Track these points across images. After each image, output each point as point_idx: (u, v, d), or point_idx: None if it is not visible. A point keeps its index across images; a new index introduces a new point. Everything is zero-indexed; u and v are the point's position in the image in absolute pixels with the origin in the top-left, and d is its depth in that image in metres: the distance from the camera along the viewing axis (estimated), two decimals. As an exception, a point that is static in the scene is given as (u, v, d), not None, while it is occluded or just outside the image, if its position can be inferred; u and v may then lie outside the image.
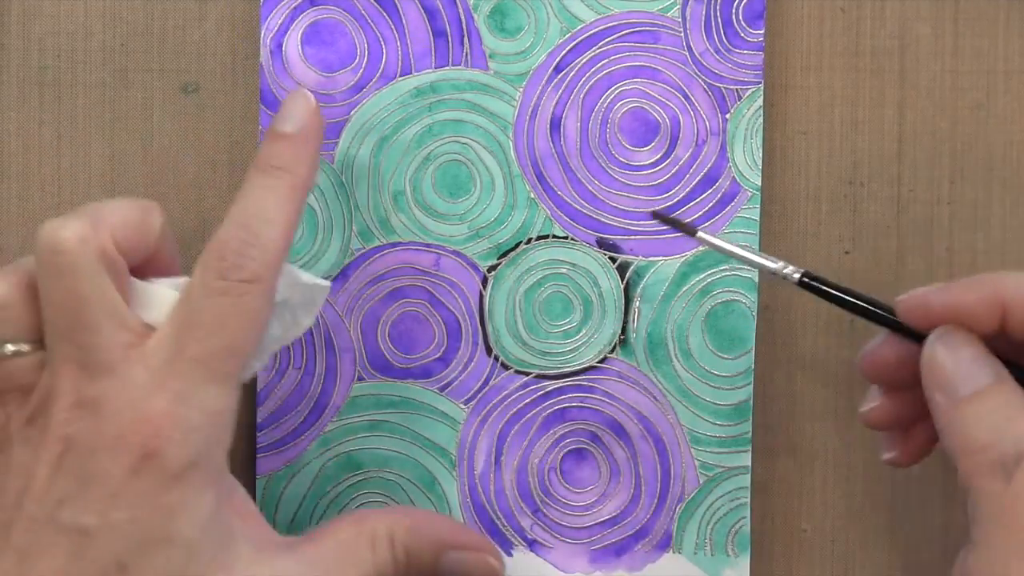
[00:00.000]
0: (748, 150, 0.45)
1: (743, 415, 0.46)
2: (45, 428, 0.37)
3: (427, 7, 0.46)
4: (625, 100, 0.46)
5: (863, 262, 0.47)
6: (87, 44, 0.46)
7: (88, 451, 0.37)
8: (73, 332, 0.37)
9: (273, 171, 0.40)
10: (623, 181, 0.46)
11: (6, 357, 0.38)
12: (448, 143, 0.46)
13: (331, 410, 0.46)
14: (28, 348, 0.38)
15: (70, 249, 0.37)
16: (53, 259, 0.37)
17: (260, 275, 0.38)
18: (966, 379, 0.38)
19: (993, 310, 0.38)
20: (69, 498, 0.36)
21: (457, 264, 0.46)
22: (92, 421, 0.37)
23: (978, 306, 0.39)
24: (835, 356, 0.47)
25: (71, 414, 0.37)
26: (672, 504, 0.46)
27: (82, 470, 0.36)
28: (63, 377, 0.37)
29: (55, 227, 0.37)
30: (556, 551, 0.46)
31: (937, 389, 0.39)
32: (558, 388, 0.46)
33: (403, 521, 0.41)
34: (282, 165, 0.40)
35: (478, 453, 0.46)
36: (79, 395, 0.37)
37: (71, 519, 0.36)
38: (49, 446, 0.37)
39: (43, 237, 0.37)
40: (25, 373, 0.38)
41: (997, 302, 0.38)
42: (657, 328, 0.46)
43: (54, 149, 0.47)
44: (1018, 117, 0.47)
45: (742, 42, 0.45)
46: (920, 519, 0.47)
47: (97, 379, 0.37)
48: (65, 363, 0.37)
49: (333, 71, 0.46)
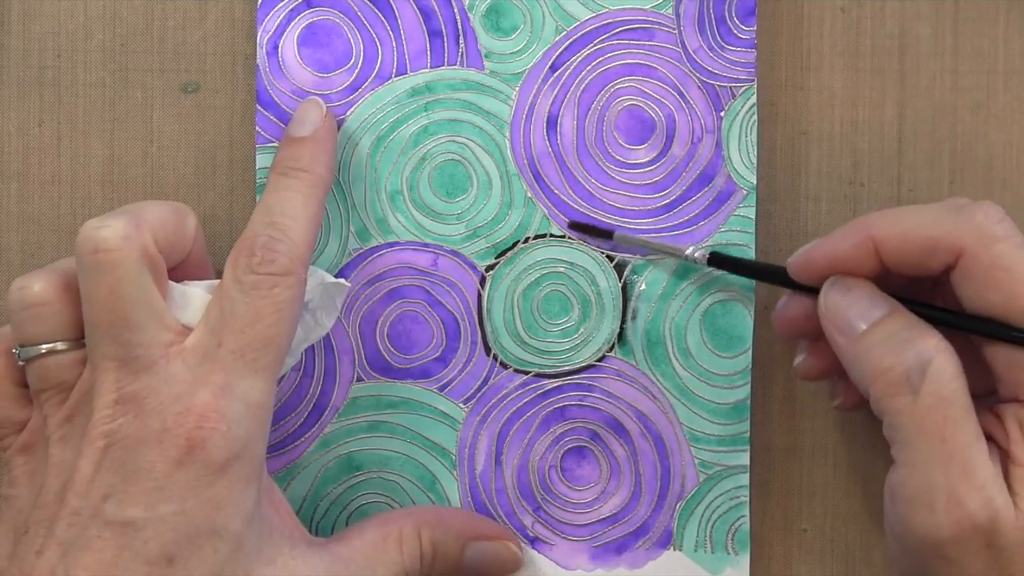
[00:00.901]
0: (743, 148, 0.45)
1: (741, 414, 0.46)
2: (86, 425, 0.38)
3: (422, 7, 0.46)
4: (621, 98, 0.46)
5: (863, 261, 0.47)
6: (87, 44, 0.47)
7: (132, 445, 0.37)
8: (115, 330, 0.38)
9: (293, 172, 0.42)
10: (620, 179, 0.46)
11: (43, 355, 0.39)
12: (445, 143, 0.46)
13: (331, 411, 0.46)
14: (64, 346, 0.39)
15: (114, 247, 0.38)
16: (95, 257, 0.38)
17: (290, 268, 0.39)
18: (861, 316, 0.39)
19: (869, 251, 0.40)
20: (114, 492, 0.37)
21: (455, 264, 0.46)
22: (135, 417, 0.37)
23: (855, 250, 0.40)
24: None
25: (114, 411, 0.37)
26: (672, 502, 0.46)
27: (126, 464, 0.37)
28: (105, 374, 0.38)
29: (97, 225, 0.38)
30: (557, 548, 0.46)
31: (837, 332, 0.40)
32: (557, 387, 0.46)
33: (427, 518, 0.43)
34: (301, 166, 0.42)
35: (478, 452, 0.46)
36: (121, 392, 0.37)
37: (117, 513, 0.36)
38: (92, 442, 0.37)
39: (85, 235, 0.38)
40: (62, 371, 0.39)
41: (870, 242, 0.40)
42: (655, 327, 0.46)
43: (54, 149, 0.47)
44: (1018, 117, 0.47)
45: (735, 39, 0.45)
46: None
47: (139, 376, 0.37)
48: (106, 360, 0.38)
49: (329, 72, 0.46)
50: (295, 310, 0.40)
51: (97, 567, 0.36)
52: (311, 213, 0.41)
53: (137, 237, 0.38)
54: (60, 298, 0.39)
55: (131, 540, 0.36)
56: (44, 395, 0.39)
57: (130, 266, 0.38)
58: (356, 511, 0.46)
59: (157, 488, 0.37)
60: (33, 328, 0.39)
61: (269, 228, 0.40)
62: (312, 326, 0.43)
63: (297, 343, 0.43)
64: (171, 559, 0.36)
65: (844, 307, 0.40)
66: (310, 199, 0.41)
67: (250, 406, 0.38)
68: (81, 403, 0.39)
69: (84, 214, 0.47)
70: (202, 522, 0.37)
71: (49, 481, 0.38)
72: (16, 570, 0.37)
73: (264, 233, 0.40)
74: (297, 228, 0.40)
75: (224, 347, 0.38)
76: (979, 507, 0.37)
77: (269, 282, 0.39)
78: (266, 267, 0.39)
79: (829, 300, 0.40)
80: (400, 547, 0.42)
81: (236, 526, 0.37)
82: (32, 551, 0.37)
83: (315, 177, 0.42)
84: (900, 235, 0.39)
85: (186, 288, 0.40)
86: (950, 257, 0.39)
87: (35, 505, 0.38)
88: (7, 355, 0.40)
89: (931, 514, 0.37)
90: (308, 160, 0.42)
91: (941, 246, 0.38)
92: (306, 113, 0.43)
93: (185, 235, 0.41)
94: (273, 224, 0.40)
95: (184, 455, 0.37)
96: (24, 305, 0.39)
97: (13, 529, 0.38)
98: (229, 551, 0.37)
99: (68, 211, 0.47)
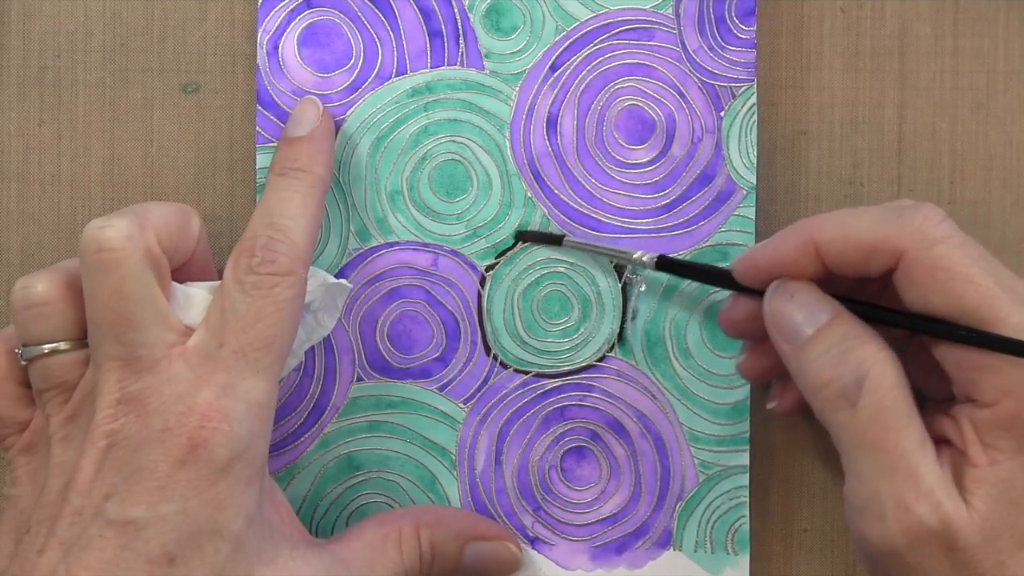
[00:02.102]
0: (743, 148, 0.45)
1: (741, 414, 0.46)
2: (88, 425, 0.38)
3: (422, 7, 0.46)
4: (621, 98, 0.46)
5: (862, 261, 0.47)
6: (87, 44, 0.47)
7: (134, 445, 0.37)
8: (119, 330, 0.38)
9: (291, 172, 0.42)
10: (620, 179, 0.46)
11: (46, 355, 0.39)
12: (445, 143, 0.46)
13: (331, 411, 0.46)
14: (67, 346, 0.39)
15: (118, 247, 0.38)
16: (99, 256, 0.38)
17: (290, 268, 0.39)
18: (804, 323, 0.39)
19: (811, 254, 0.40)
20: (116, 491, 0.37)
21: (455, 264, 0.46)
22: (137, 416, 0.37)
23: (797, 253, 0.40)
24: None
25: (116, 410, 0.37)
26: (672, 502, 0.46)
27: (128, 464, 0.37)
28: (107, 374, 0.38)
29: (101, 225, 0.38)
30: (557, 549, 0.46)
31: (782, 339, 0.40)
32: (557, 387, 0.46)
33: (426, 518, 0.43)
34: (299, 166, 0.42)
35: (478, 452, 0.46)
36: (123, 392, 0.37)
37: (119, 512, 0.36)
38: (94, 441, 0.37)
39: (89, 235, 0.38)
40: (65, 370, 0.39)
41: (812, 246, 0.40)
42: (655, 327, 0.46)
43: (54, 149, 0.47)
44: (1018, 117, 0.47)
45: (735, 39, 0.45)
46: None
47: (142, 376, 0.37)
48: (109, 360, 0.38)
49: (329, 72, 0.46)
50: (296, 310, 0.40)
51: (98, 566, 0.36)
52: (311, 213, 0.41)
53: (141, 237, 0.38)
54: (63, 298, 0.39)
55: (132, 540, 0.36)
56: (47, 395, 0.39)
57: (134, 266, 0.38)
58: (356, 511, 0.46)
59: (159, 488, 0.37)
60: (36, 328, 0.39)
61: (269, 228, 0.40)
62: (314, 326, 0.43)
63: (299, 344, 0.43)
64: (172, 559, 0.36)
65: (788, 313, 0.40)
66: (309, 199, 0.41)
67: (252, 406, 0.38)
68: (83, 403, 0.39)
69: (84, 214, 0.47)
70: (204, 522, 0.37)
71: (51, 481, 0.38)
72: (17, 569, 0.37)
73: (264, 233, 0.40)
74: (297, 228, 0.40)
75: (226, 347, 0.38)
76: (928, 513, 0.37)
77: (270, 282, 0.39)
78: (267, 267, 0.39)
79: (773, 306, 0.40)
80: (399, 547, 0.42)
81: (237, 526, 0.37)
82: (33, 550, 0.37)
83: (314, 177, 0.42)
84: (841, 238, 0.39)
85: (189, 289, 0.40)
86: (891, 259, 0.38)
87: (37, 505, 0.38)
88: (10, 355, 0.40)
89: (882, 523, 0.37)
90: (306, 160, 0.42)
91: (882, 249, 0.38)
92: (303, 113, 0.43)
93: (189, 236, 0.41)
94: (273, 224, 0.40)
95: (186, 455, 0.37)
96: (27, 304, 0.39)
97: (15, 529, 0.38)
98: (230, 551, 0.37)
99: (68, 211, 0.47)
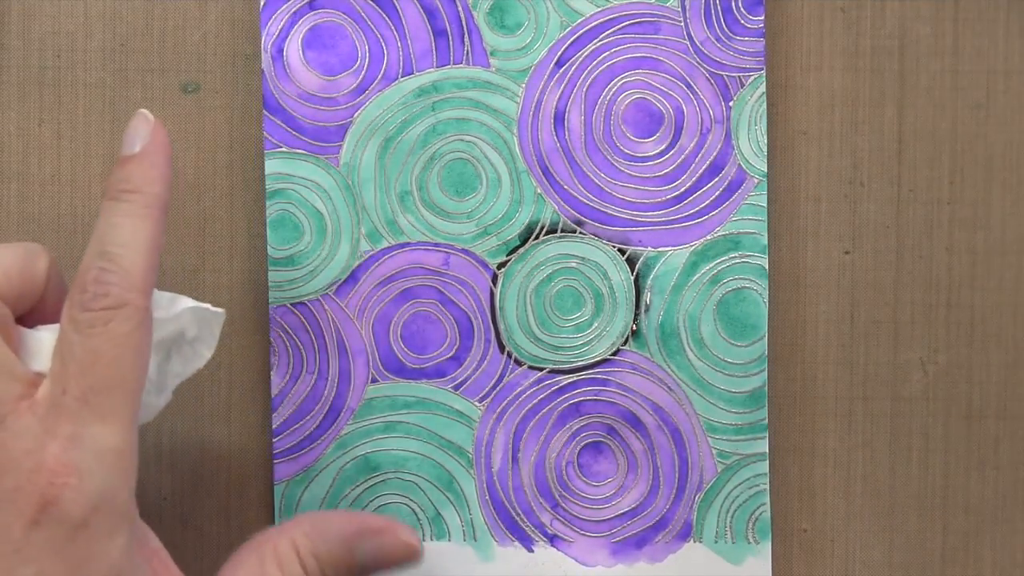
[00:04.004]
0: (753, 137, 0.46)
1: (758, 402, 0.46)
2: None
3: (426, 7, 0.46)
4: (628, 92, 0.46)
5: (863, 262, 0.47)
6: (87, 44, 0.46)
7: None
8: None
9: (123, 195, 0.39)
10: (629, 173, 0.46)
11: None
12: (453, 141, 0.46)
13: (346, 413, 0.45)
14: None
15: None
16: None
17: (125, 299, 0.37)
18: None
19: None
20: None
21: (466, 262, 0.46)
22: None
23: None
24: (835, 357, 0.47)
25: None
26: (691, 493, 0.46)
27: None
28: None
29: None
30: (577, 545, 0.46)
31: None
32: (572, 382, 0.46)
33: (300, 529, 0.40)
34: (131, 187, 0.39)
35: (495, 450, 0.46)
36: None
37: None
38: None
39: None
40: None
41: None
42: (669, 318, 0.46)
43: (54, 149, 0.46)
44: (1018, 117, 0.47)
45: (743, 29, 0.46)
46: (920, 519, 0.47)
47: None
48: None
49: (335, 74, 0.45)
50: (140, 342, 0.37)
51: None
52: (146, 236, 0.38)
53: None
54: None
55: None
56: None
57: None
58: (376, 512, 0.45)
59: (14, 551, 0.34)
60: None
61: (99, 259, 0.37)
62: (190, 356, 0.41)
63: (173, 376, 0.41)
64: None
65: None
66: (143, 220, 0.38)
67: (103, 454, 0.35)
68: None
69: (84, 214, 0.46)
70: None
71: None
72: None
73: (95, 266, 0.37)
74: (129, 255, 0.37)
75: (68, 394, 0.36)
76: None
77: (104, 317, 0.36)
78: (99, 302, 0.36)
79: None
80: (280, 568, 0.39)
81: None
82: None
83: (148, 197, 0.39)
84: None
85: (39, 333, 0.38)
86: None
87: None
88: None
89: None
90: (138, 180, 0.39)
91: None
92: (134, 129, 0.40)
93: (34, 278, 0.38)
94: (103, 255, 0.37)
95: (38, 514, 0.34)
96: None
97: None
98: None
99: (68, 211, 0.46)
